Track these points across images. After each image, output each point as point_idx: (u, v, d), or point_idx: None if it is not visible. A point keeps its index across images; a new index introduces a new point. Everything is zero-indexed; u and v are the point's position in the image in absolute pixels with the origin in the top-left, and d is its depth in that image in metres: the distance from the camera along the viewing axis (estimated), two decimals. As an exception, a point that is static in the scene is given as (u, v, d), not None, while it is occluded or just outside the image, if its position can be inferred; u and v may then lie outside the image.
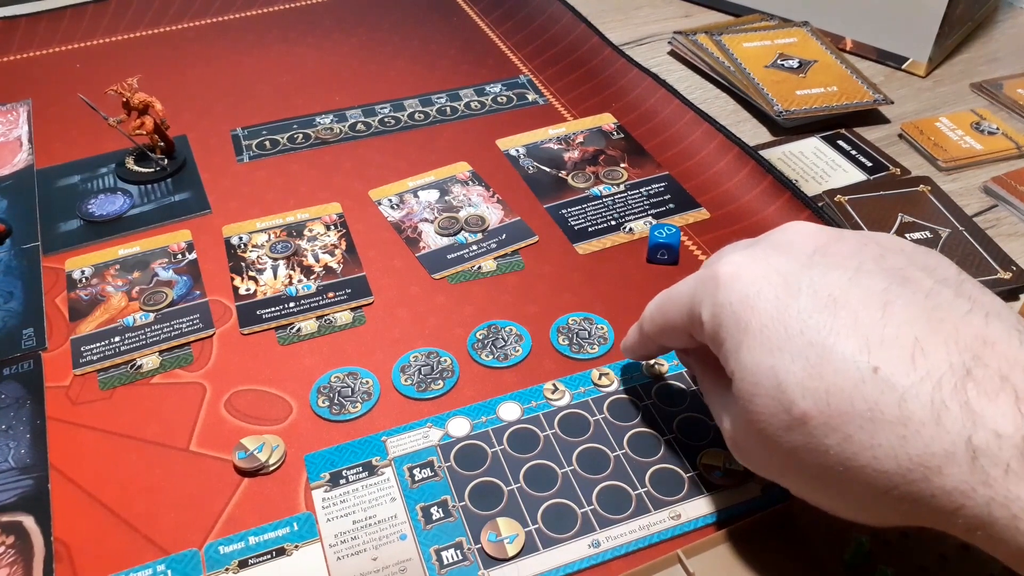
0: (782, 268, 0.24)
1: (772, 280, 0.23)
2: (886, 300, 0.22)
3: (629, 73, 0.55)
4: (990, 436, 0.19)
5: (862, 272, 0.23)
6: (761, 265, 0.24)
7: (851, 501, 0.22)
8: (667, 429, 0.32)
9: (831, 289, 0.22)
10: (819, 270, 0.23)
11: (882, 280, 0.22)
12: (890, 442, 0.20)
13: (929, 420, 0.20)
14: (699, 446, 0.32)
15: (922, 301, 0.22)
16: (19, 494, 0.31)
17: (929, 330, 0.21)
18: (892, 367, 0.20)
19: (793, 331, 0.22)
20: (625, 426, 0.32)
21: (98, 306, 0.39)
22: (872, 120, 0.52)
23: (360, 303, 0.39)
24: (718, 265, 0.25)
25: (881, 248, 0.24)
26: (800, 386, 0.21)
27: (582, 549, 0.28)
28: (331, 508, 0.30)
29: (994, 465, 0.19)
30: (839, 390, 0.21)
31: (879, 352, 0.21)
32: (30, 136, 0.51)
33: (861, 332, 0.21)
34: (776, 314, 0.23)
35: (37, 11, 0.65)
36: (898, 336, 0.21)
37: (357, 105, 0.53)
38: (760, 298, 0.23)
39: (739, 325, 0.23)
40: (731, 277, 0.24)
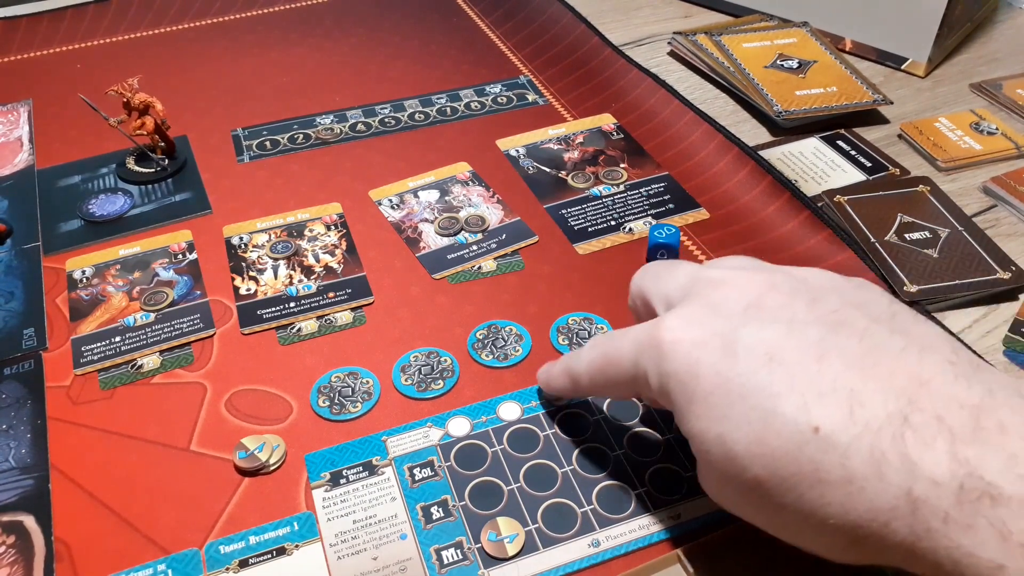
0: (719, 329, 0.24)
1: (711, 344, 0.23)
2: (821, 352, 0.22)
3: (629, 73, 0.55)
4: (928, 486, 0.19)
5: (795, 323, 0.23)
6: (698, 330, 0.24)
7: (821, 547, 0.22)
8: (667, 429, 0.32)
9: (767, 347, 0.22)
10: (754, 327, 0.23)
11: (816, 330, 0.23)
12: (839, 500, 0.20)
13: (872, 475, 0.20)
14: (699, 446, 0.32)
15: (856, 346, 0.22)
16: (20, 494, 0.31)
17: (864, 377, 0.21)
18: (832, 424, 0.21)
19: (735, 397, 0.22)
20: (625, 426, 0.32)
21: (99, 306, 0.39)
22: (871, 120, 0.52)
23: (360, 303, 0.39)
24: (657, 331, 0.25)
25: (813, 292, 0.24)
26: (748, 453, 0.22)
27: (582, 549, 0.28)
28: (331, 508, 0.30)
29: (933, 516, 0.19)
30: (784, 453, 0.21)
31: (818, 409, 0.21)
32: (31, 136, 0.51)
33: (799, 390, 0.21)
34: (718, 380, 0.23)
35: (38, 11, 0.65)
36: (835, 389, 0.21)
37: (357, 105, 0.53)
38: (701, 365, 0.23)
39: (685, 394, 0.23)
40: (672, 345, 0.24)
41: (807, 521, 0.21)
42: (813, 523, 0.21)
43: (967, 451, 0.19)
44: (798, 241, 0.42)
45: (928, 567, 0.20)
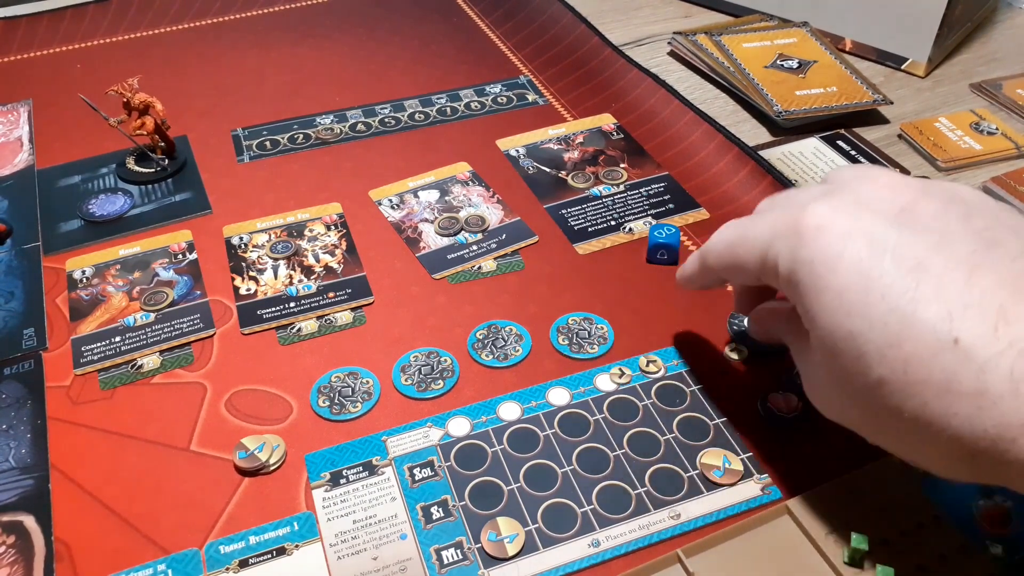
0: (868, 227, 0.23)
1: (857, 240, 0.23)
2: (972, 266, 0.21)
3: (629, 73, 0.55)
4: None
5: (948, 234, 0.22)
6: (847, 221, 0.23)
7: (927, 458, 0.22)
8: (667, 428, 0.32)
9: (916, 253, 0.22)
10: (906, 232, 0.22)
11: (969, 244, 0.22)
12: (967, 412, 0.20)
13: (1008, 392, 0.20)
14: (699, 446, 0.32)
15: (1008, 266, 0.21)
16: (20, 494, 0.31)
17: (1015, 298, 0.21)
18: (973, 337, 0.20)
19: (875, 296, 0.22)
20: (625, 426, 0.32)
21: (99, 306, 0.39)
22: (871, 120, 0.52)
23: (360, 303, 0.39)
24: (801, 215, 0.24)
25: (967, 207, 0.23)
26: (878, 353, 0.21)
27: (582, 548, 0.28)
28: (331, 508, 0.30)
29: None
30: (918, 359, 0.21)
31: (961, 321, 0.20)
32: (31, 136, 0.51)
33: (944, 300, 0.21)
34: (858, 278, 0.22)
35: (38, 11, 0.65)
36: (982, 303, 0.21)
37: (357, 105, 0.53)
38: (843, 259, 0.22)
39: (818, 284, 0.23)
40: (815, 231, 0.23)
41: (924, 430, 0.21)
42: (930, 432, 0.21)
43: None
44: (798, 241, 0.42)
45: None
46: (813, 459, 0.31)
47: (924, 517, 0.29)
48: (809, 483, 0.30)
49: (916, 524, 0.28)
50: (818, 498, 0.29)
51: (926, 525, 0.28)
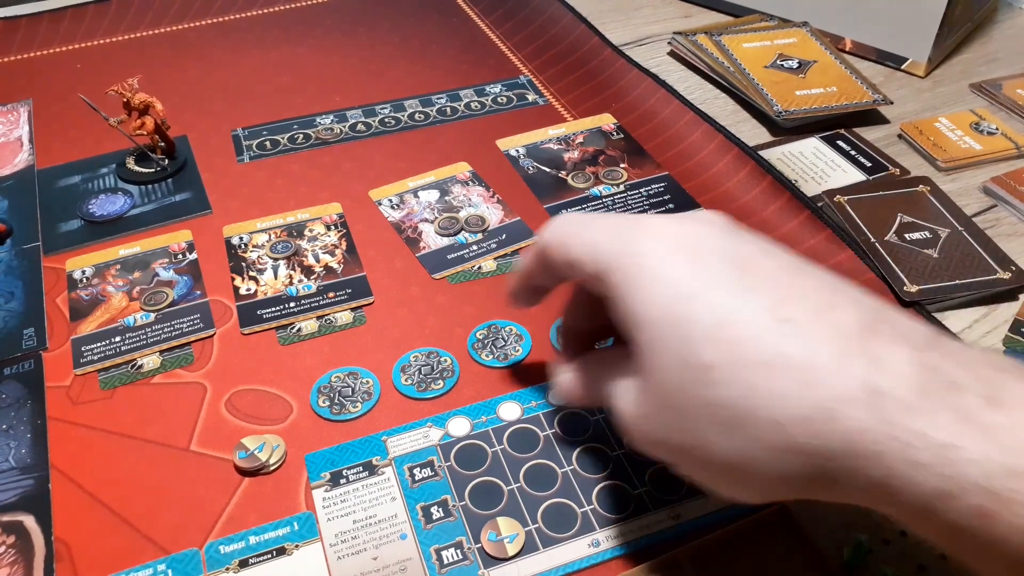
0: (699, 232, 0.24)
1: (689, 239, 0.24)
2: (796, 270, 0.23)
3: (629, 74, 0.55)
4: (891, 377, 0.20)
5: (770, 251, 0.24)
6: (680, 226, 0.24)
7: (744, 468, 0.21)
8: (667, 429, 0.32)
9: (746, 256, 0.23)
10: (733, 241, 0.24)
11: (789, 258, 0.23)
12: (791, 390, 0.20)
13: (834, 367, 0.20)
14: (699, 446, 0.32)
15: (826, 276, 0.23)
16: (20, 494, 0.31)
17: (836, 294, 0.22)
18: (802, 320, 0.21)
19: (706, 284, 0.22)
20: (625, 426, 0.32)
21: (99, 306, 0.39)
22: (871, 120, 0.52)
23: (360, 303, 0.39)
24: (637, 220, 0.25)
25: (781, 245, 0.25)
26: (706, 336, 0.21)
27: (582, 549, 0.28)
28: (331, 508, 0.30)
29: (894, 403, 0.19)
30: (747, 339, 0.21)
31: (790, 306, 0.21)
32: (31, 136, 0.51)
33: (774, 289, 0.22)
34: (691, 268, 0.23)
35: (38, 11, 0.65)
36: (808, 295, 0.22)
37: (357, 105, 0.53)
38: (675, 253, 0.23)
39: (649, 274, 0.23)
40: (649, 230, 0.24)
41: (747, 417, 0.21)
42: (753, 420, 0.21)
43: (930, 356, 0.20)
44: (798, 241, 0.42)
45: (866, 471, 0.20)
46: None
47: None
48: (809, 483, 0.30)
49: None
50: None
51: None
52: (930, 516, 0.19)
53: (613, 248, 0.24)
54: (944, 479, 0.18)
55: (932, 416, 0.19)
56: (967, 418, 0.19)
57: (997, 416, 0.19)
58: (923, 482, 0.19)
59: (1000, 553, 0.18)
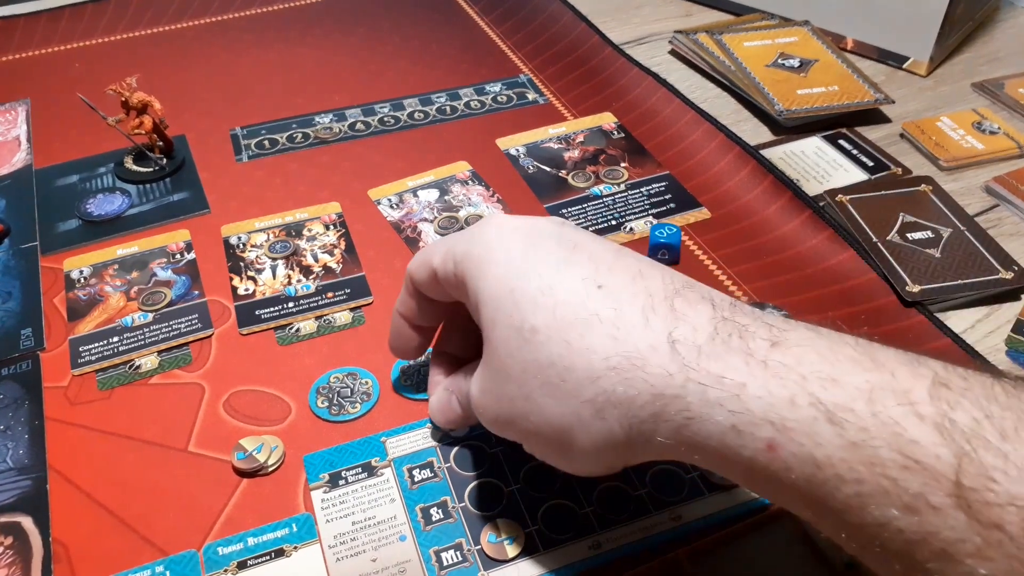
0: (532, 222, 0.27)
1: (522, 227, 0.26)
2: (617, 252, 0.25)
3: (629, 72, 0.55)
4: (688, 329, 0.22)
5: (597, 238, 0.26)
6: (516, 219, 0.27)
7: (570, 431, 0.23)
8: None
9: (572, 239, 0.26)
10: (566, 228, 0.26)
11: (614, 244, 0.26)
12: (604, 344, 0.22)
13: (639, 323, 0.23)
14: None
15: (650, 260, 0.25)
16: (17, 495, 0.31)
17: (649, 266, 0.25)
18: (615, 286, 0.24)
19: (534, 261, 0.25)
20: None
21: (96, 306, 0.38)
22: (873, 120, 0.52)
23: (359, 303, 0.38)
24: (484, 220, 0.28)
25: None
26: (533, 303, 0.24)
27: (582, 550, 0.28)
28: (330, 509, 0.30)
29: (691, 348, 0.22)
30: (567, 303, 0.23)
31: (607, 276, 0.24)
32: (29, 136, 0.51)
33: (593, 263, 0.24)
34: (522, 248, 0.25)
35: (36, 10, 0.65)
36: (625, 267, 0.24)
37: (356, 104, 0.53)
38: (510, 236, 0.26)
39: (490, 258, 0.26)
40: (487, 223, 0.27)
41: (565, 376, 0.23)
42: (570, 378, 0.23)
43: (727, 313, 0.23)
44: (800, 240, 0.41)
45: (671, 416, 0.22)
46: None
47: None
48: (811, 484, 0.30)
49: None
50: (820, 499, 0.29)
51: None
52: (727, 454, 0.21)
53: (464, 242, 0.27)
54: (735, 415, 0.21)
55: (724, 359, 0.21)
56: (753, 358, 0.21)
57: (778, 355, 0.21)
58: (718, 420, 0.21)
59: (789, 484, 0.20)
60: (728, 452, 0.21)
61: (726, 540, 0.28)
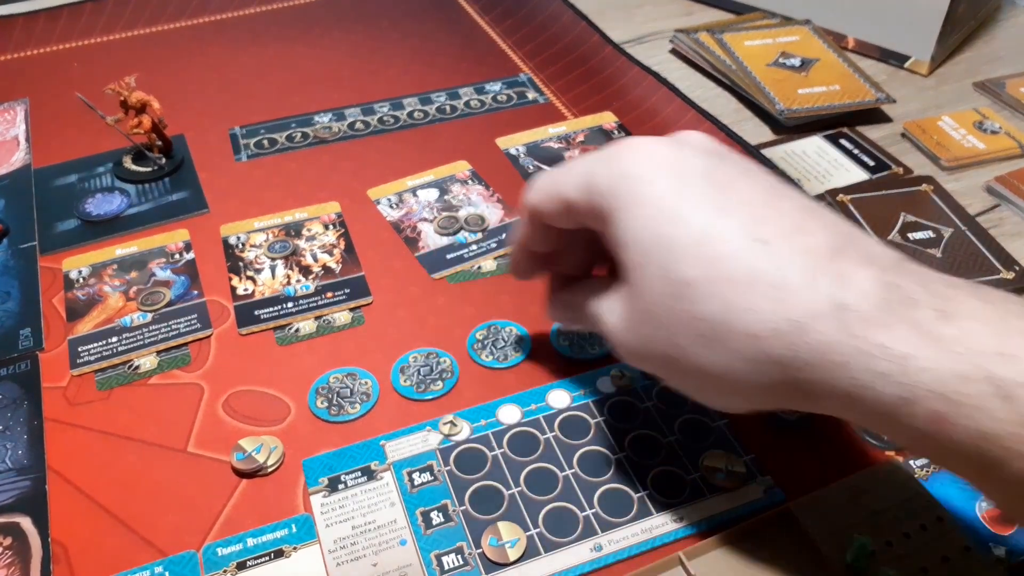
0: (681, 154, 0.25)
1: (671, 161, 0.25)
2: (773, 193, 0.24)
3: (630, 71, 0.55)
4: (855, 294, 0.21)
5: (751, 172, 0.25)
6: (663, 148, 0.25)
7: (723, 378, 0.23)
8: (668, 431, 0.32)
9: (725, 178, 0.24)
10: (714, 162, 0.25)
11: (770, 179, 0.25)
12: (765, 305, 0.22)
13: (804, 284, 0.22)
14: (701, 448, 0.31)
15: (801, 199, 0.24)
16: (16, 495, 0.30)
17: (809, 218, 0.23)
18: (776, 240, 0.23)
19: (689, 204, 0.24)
20: (626, 428, 0.32)
21: (95, 306, 0.38)
22: (874, 119, 0.52)
23: (359, 303, 0.38)
24: (617, 144, 0.26)
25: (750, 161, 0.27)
26: (687, 253, 0.23)
27: (584, 553, 0.28)
28: (330, 513, 0.30)
29: (857, 318, 0.21)
30: (725, 257, 0.22)
31: (765, 227, 0.23)
32: (27, 135, 0.51)
33: (751, 211, 0.23)
34: (673, 188, 0.24)
35: (34, 10, 0.64)
36: (782, 217, 0.23)
37: (356, 104, 0.53)
38: (659, 173, 0.24)
39: (635, 197, 0.24)
40: (635, 152, 0.25)
41: (723, 330, 0.22)
42: (730, 334, 0.22)
43: (892, 276, 0.22)
44: (800, 241, 0.41)
45: (834, 378, 0.21)
46: (816, 461, 0.31)
47: (927, 519, 0.28)
48: (812, 485, 0.30)
49: (919, 526, 0.28)
50: (821, 501, 0.29)
51: (929, 527, 0.28)
52: (892, 422, 0.21)
53: (604, 174, 0.25)
54: (902, 387, 0.20)
55: (891, 329, 0.21)
56: (921, 330, 0.20)
57: (948, 328, 0.20)
58: (884, 390, 0.21)
59: (956, 452, 0.20)
60: (893, 420, 0.21)
61: (727, 541, 0.28)
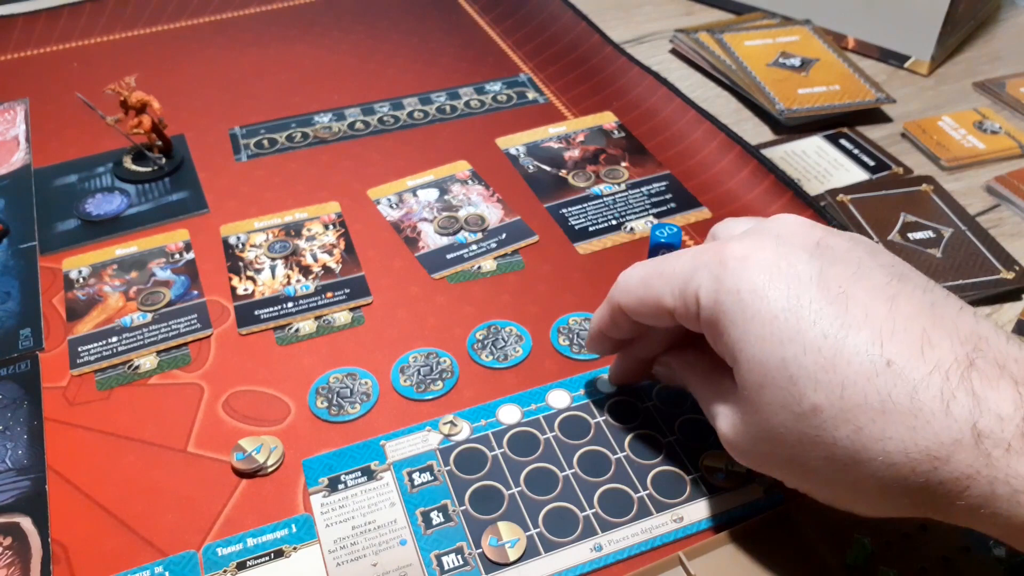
0: (791, 258, 0.24)
1: (783, 270, 0.23)
2: (891, 295, 0.22)
3: (630, 71, 0.55)
4: (993, 419, 0.20)
5: (863, 267, 0.23)
6: (771, 253, 0.24)
7: (855, 493, 0.22)
8: (668, 431, 0.32)
9: (839, 282, 0.23)
10: (826, 263, 0.23)
11: (882, 275, 0.23)
12: (900, 434, 0.21)
13: (939, 410, 0.20)
14: (701, 448, 0.31)
15: (921, 296, 0.23)
16: (16, 495, 0.30)
17: (933, 324, 0.22)
18: (904, 360, 0.21)
19: (806, 323, 0.22)
20: (626, 428, 0.32)
21: (95, 306, 0.38)
22: (874, 119, 0.52)
23: (359, 303, 0.38)
24: (724, 247, 0.25)
25: (869, 245, 0.25)
26: (812, 379, 0.22)
27: (584, 553, 0.28)
28: (330, 513, 0.30)
29: (996, 446, 0.20)
30: (852, 383, 0.21)
31: (891, 345, 0.21)
32: (27, 135, 0.51)
33: (873, 325, 0.22)
34: (788, 304, 0.22)
35: (34, 10, 0.64)
36: (907, 329, 0.22)
37: (356, 104, 0.53)
38: (771, 287, 0.23)
39: (746, 314, 0.23)
40: (740, 261, 0.24)
41: (856, 458, 0.21)
42: (862, 460, 0.21)
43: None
44: (800, 241, 0.41)
45: (972, 504, 0.20)
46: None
47: (926, 519, 0.28)
48: (812, 486, 0.30)
49: (918, 526, 0.28)
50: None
51: (928, 527, 0.28)
52: None
53: (708, 285, 0.24)
54: None
55: None
56: None
57: None
58: None
59: None
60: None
61: (727, 541, 0.28)
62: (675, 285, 0.25)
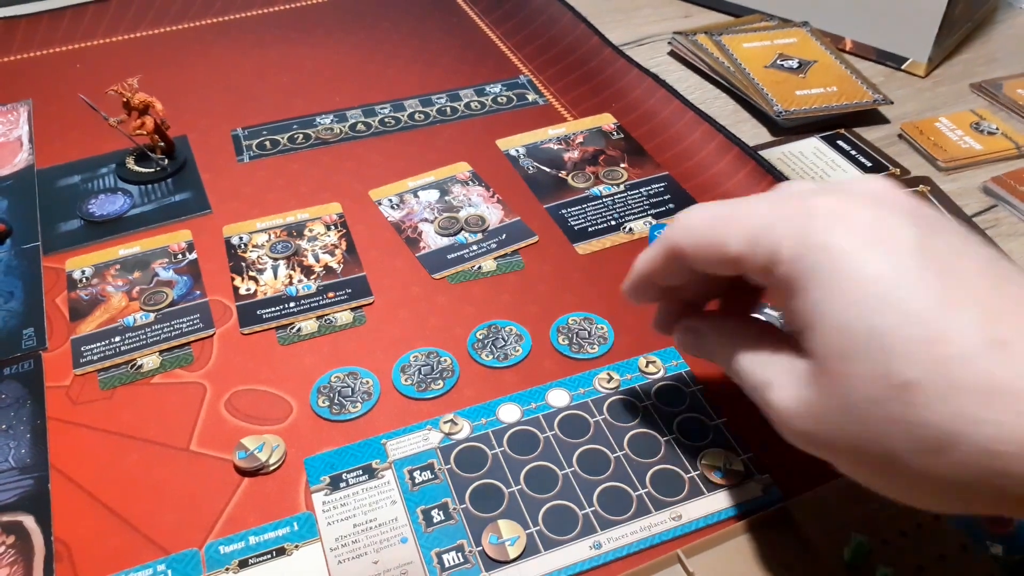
0: (886, 222, 0.21)
1: (876, 230, 0.21)
2: (998, 274, 0.21)
3: (629, 73, 0.55)
4: None
5: (967, 245, 0.21)
6: (868, 213, 0.21)
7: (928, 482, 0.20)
8: (667, 430, 0.32)
9: (943, 254, 0.21)
10: (924, 231, 0.21)
11: (985, 253, 0.21)
12: (1009, 417, 0.19)
13: None
14: (700, 446, 0.32)
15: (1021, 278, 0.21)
16: (19, 494, 0.31)
17: None
18: (1017, 342, 0.19)
19: (905, 291, 0.20)
20: (625, 427, 0.32)
21: (98, 306, 0.39)
22: (872, 120, 0.52)
23: (360, 303, 0.39)
24: (814, 199, 0.22)
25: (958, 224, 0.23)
26: (909, 353, 0.19)
27: (584, 551, 0.28)
28: (331, 512, 0.30)
29: None
30: (958, 359, 0.19)
31: (1001, 324, 0.19)
32: (31, 136, 0.51)
33: (981, 302, 0.20)
34: (887, 270, 0.20)
35: (37, 11, 0.65)
36: (1016, 311, 0.20)
37: (357, 105, 0.53)
38: (869, 249, 0.21)
39: (836, 275, 0.21)
40: (833, 218, 0.21)
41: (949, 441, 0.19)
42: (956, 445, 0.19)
43: None
44: (798, 241, 0.42)
45: None
46: (814, 460, 0.31)
47: (924, 517, 0.29)
48: (810, 484, 0.30)
49: (916, 524, 0.28)
50: (819, 499, 0.29)
51: (925, 525, 0.28)
52: None
53: (793, 238, 0.22)
54: None
55: None
56: None
57: None
58: None
59: None
60: None
61: (726, 539, 0.28)
62: (748, 231, 0.23)
